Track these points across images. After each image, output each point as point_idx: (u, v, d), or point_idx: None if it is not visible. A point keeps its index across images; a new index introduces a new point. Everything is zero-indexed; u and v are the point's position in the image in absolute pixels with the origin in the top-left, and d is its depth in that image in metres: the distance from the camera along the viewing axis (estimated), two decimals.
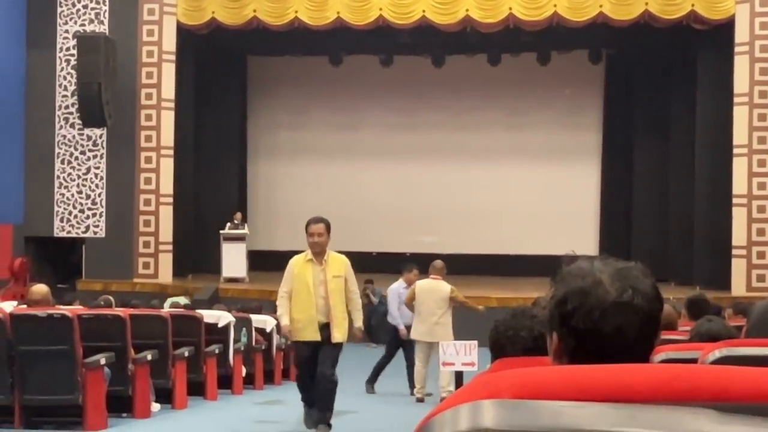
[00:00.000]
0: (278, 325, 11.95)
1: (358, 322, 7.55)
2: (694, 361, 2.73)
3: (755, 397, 1.00)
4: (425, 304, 10.14)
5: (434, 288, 10.19)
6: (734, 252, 16.07)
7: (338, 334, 7.22)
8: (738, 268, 16.02)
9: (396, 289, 11.01)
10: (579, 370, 1.09)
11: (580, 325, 1.49)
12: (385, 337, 12.43)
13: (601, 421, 0.89)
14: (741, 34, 16.01)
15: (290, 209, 20.49)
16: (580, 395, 0.98)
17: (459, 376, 8.73)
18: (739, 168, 16.05)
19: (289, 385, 12.21)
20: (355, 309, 7.49)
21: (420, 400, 10.05)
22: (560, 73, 19.53)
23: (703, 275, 16.42)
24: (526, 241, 19.37)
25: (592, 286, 1.50)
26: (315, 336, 7.18)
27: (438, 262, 10.60)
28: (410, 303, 10.41)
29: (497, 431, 0.87)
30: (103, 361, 7.36)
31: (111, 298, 11.04)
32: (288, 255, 23.01)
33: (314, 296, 7.19)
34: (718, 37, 16.39)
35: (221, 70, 19.58)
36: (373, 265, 18.68)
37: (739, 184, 16.06)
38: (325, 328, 7.19)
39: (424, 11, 16.74)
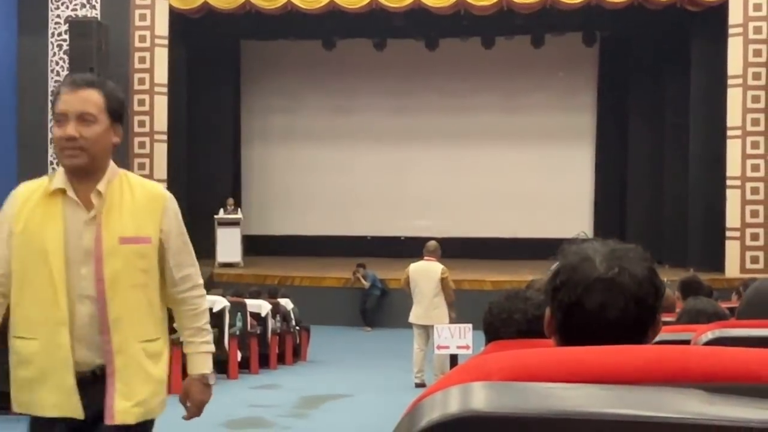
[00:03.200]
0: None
1: (204, 364, 3.20)
2: (687, 342, 2.74)
3: (744, 377, 1.00)
4: (419, 286, 10.08)
5: (427, 269, 10.11)
6: (728, 234, 16.11)
7: (130, 405, 2.93)
8: (732, 249, 16.06)
9: None
10: (569, 352, 1.10)
11: (565, 299, 1.52)
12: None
13: (591, 402, 0.90)
14: (735, 15, 15.99)
15: (284, 193, 20.52)
16: (570, 377, 0.98)
17: (454, 360, 8.76)
18: (733, 150, 16.06)
19: (285, 370, 12.28)
20: (194, 323, 3.26)
21: (419, 385, 10.00)
22: (554, 56, 19.50)
23: (696, 257, 16.46)
24: (520, 224, 19.40)
25: (581, 261, 1.53)
26: (68, 406, 2.86)
27: (431, 243, 10.50)
28: (406, 286, 10.35)
29: (487, 413, 0.87)
30: None
31: None
32: (282, 239, 22.83)
33: (66, 293, 2.84)
34: (712, 18, 16.37)
35: (214, 54, 19.51)
36: (367, 249, 18.72)
37: (733, 165, 16.07)
38: (93, 384, 2.88)
39: None
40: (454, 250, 19.16)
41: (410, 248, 19.69)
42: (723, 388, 0.97)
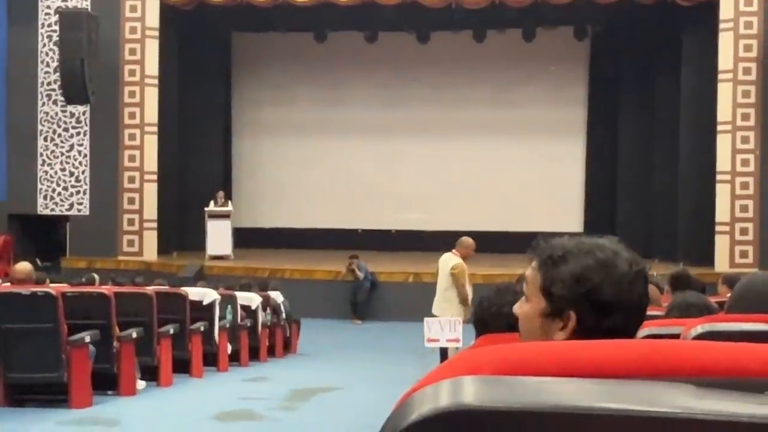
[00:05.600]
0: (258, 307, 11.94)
1: None
2: (676, 336, 2.75)
3: (734, 372, 1.01)
4: (438, 277, 10.09)
5: (445, 262, 10.09)
6: (718, 228, 16.16)
7: None
8: (721, 244, 16.12)
9: None
10: (559, 346, 1.10)
11: (606, 297, 1.52)
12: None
13: (582, 396, 0.90)
14: (725, 10, 16.02)
15: (275, 186, 20.49)
16: (560, 371, 0.98)
17: (444, 353, 8.76)
18: (723, 144, 16.11)
19: (275, 362, 12.27)
20: None
21: None
22: (545, 50, 19.51)
23: (686, 251, 16.51)
24: (511, 218, 19.41)
25: (614, 257, 1.54)
26: None
27: (463, 238, 10.43)
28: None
29: (478, 408, 0.87)
30: (87, 339, 7.36)
31: (95, 275, 11.02)
32: (272, 232, 22.94)
33: None
34: (703, 13, 16.40)
35: (205, 46, 19.45)
36: (357, 242, 18.71)
37: (723, 160, 16.12)
38: None
39: None
40: (444, 243, 19.16)
41: (400, 241, 19.80)
42: (713, 382, 0.98)
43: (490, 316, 2.86)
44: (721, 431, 0.86)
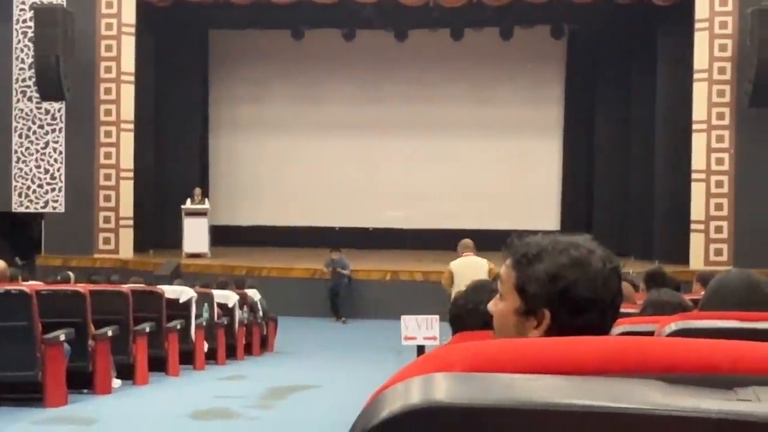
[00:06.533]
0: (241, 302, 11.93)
1: None
2: (651, 333, 2.76)
3: (703, 368, 1.01)
4: (468, 280, 9.99)
5: (474, 264, 9.96)
6: (693, 226, 16.27)
7: None
8: (696, 242, 16.23)
9: None
10: (531, 343, 1.10)
11: (581, 295, 1.51)
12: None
13: (553, 393, 0.90)
14: (701, 10, 16.12)
15: (252, 184, 20.43)
16: (532, 368, 0.98)
17: (420, 351, 8.76)
18: (698, 143, 16.21)
19: (252, 361, 12.24)
20: None
21: None
22: (523, 48, 19.56)
23: (662, 249, 16.62)
24: (488, 216, 19.42)
25: (588, 255, 1.53)
26: None
27: (468, 240, 10.45)
28: (449, 283, 10.28)
29: (449, 404, 0.88)
30: (62, 337, 7.31)
31: (70, 273, 10.95)
32: (250, 230, 22.81)
33: None
34: (679, 13, 16.50)
35: (182, 43, 19.35)
36: (335, 240, 18.68)
37: (698, 159, 16.22)
38: None
39: None
40: (423, 241, 19.20)
41: (378, 239, 19.79)
42: (683, 379, 0.98)
43: (466, 313, 2.87)
44: (691, 427, 0.86)
